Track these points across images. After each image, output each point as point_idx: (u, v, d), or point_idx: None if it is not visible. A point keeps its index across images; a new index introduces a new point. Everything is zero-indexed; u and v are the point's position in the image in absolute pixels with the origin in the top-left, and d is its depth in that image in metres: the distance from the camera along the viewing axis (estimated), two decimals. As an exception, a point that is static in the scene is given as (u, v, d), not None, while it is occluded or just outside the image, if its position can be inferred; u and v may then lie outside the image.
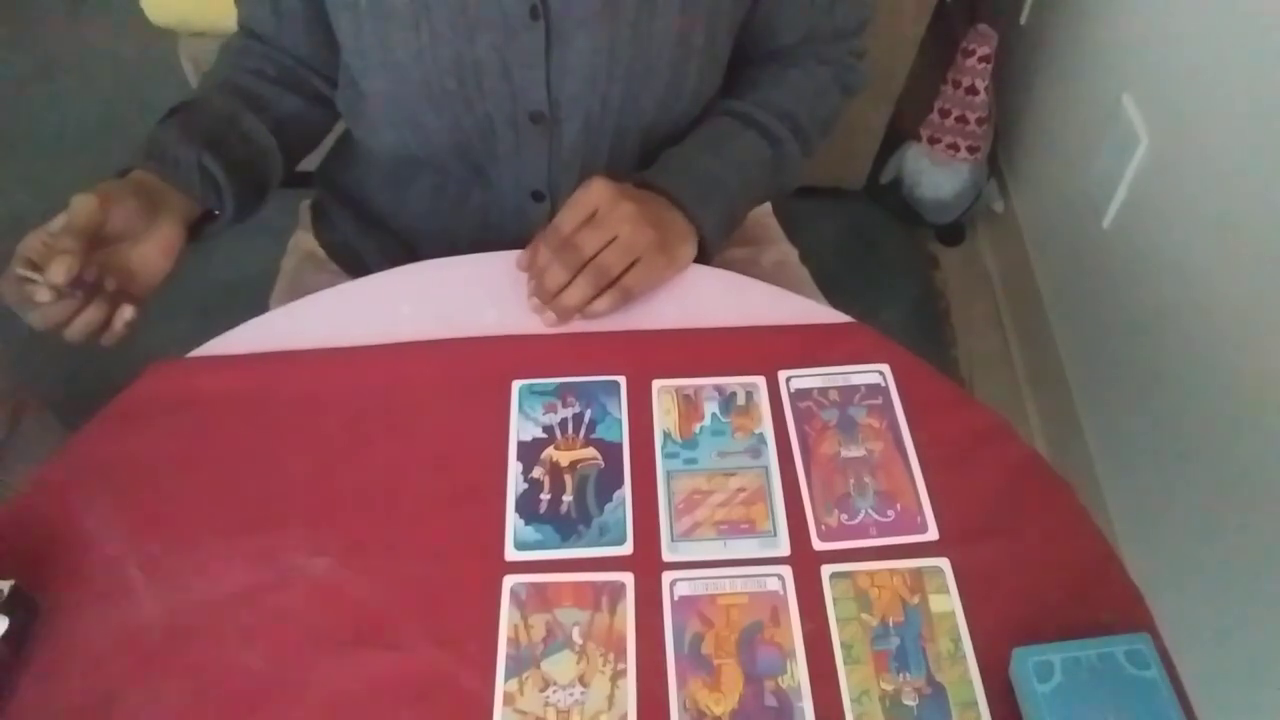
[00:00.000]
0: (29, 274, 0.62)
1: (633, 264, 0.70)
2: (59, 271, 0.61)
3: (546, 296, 0.70)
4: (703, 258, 0.76)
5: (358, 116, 0.84)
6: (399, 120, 0.78)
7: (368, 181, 0.89)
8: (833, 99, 0.85)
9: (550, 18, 0.69)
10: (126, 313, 0.67)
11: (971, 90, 1.49)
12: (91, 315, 0.66)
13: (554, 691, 0.54)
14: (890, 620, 0.56)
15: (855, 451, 0.64)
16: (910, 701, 0.53)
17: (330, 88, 0.85)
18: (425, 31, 0.70)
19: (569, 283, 0.70)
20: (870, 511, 0.61)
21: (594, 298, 0.70)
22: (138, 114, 0.79)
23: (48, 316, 0.64)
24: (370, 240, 0.90)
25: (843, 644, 0.55)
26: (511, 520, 0.61)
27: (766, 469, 0.63)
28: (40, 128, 1.91)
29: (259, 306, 0.78)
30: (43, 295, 0.62)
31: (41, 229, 0.66)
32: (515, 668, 0.55)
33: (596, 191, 0.71)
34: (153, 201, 0.70)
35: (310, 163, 0.96)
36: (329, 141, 0.94)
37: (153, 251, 0.70)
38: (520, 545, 0.60)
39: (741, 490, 0.62)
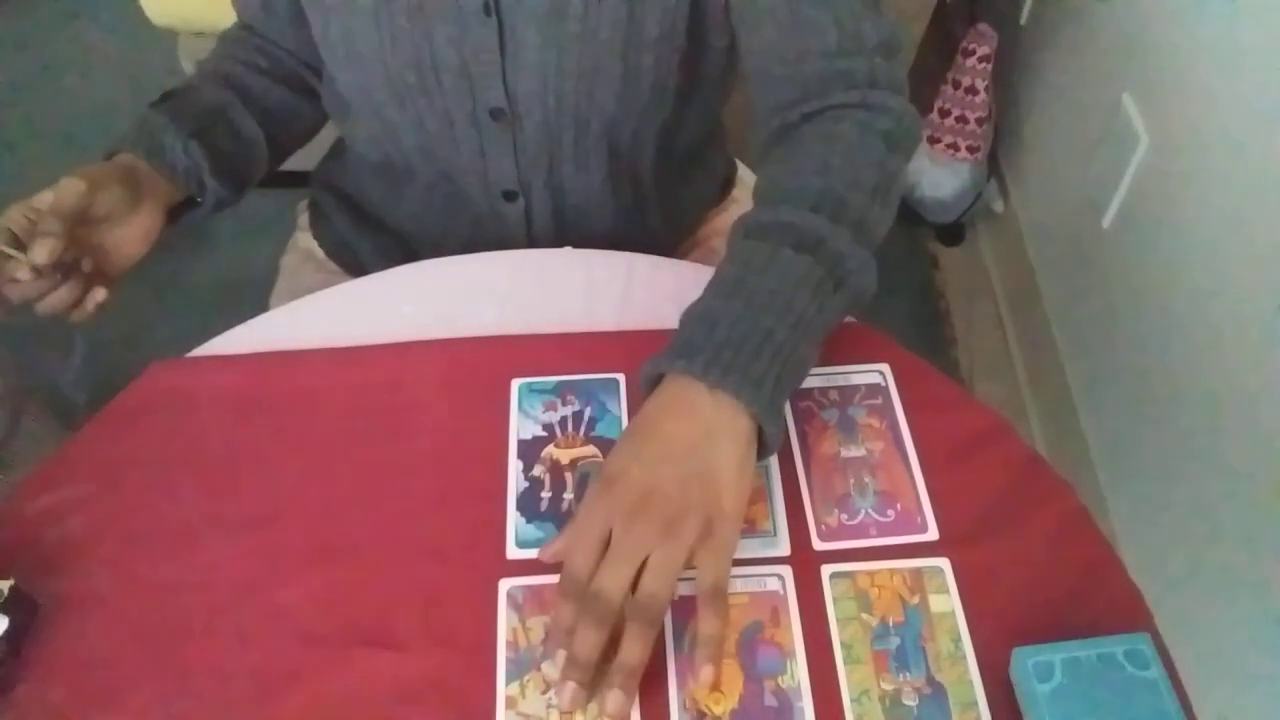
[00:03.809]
0: (10, 251, 0.65)
1: (699, 544, 0.53)
2: (41, 253, 0.64)
3: (584, 671, 0.51)
4: (763, 446, 0.58)
5: (339, 112, 0.85)
6: (368, 115, 0.79)
7: (362, 182, 0.89)
8: (874, 154, 0.65)
9: (502, 14, 0.69)
10: (99, 294, 0.70)
11: (971, 90, 1.49)
12: (65, 294, 0.69)
13: (556, 693, 0.54)
14: (890, 620, 0.56)
15: (855, 451, 0.64)
16: (910, 701, 0.53)
17: (320, 81, 0.85)
18: (385, 25, 0.70)
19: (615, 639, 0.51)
20: (870, 511, 0.60)
21: (646, 649, 0.51)
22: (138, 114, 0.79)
23: (23, 292, 0.67)
24: (367, 240, 0.90)
25: (843, 644, 0.55)
26: (513, 518, 0.61)
27: (766, 469, 0.62)
28: (40, 128, 1.91)
29: (259, 306, 0.78)
30: (22, 274, 0.65)
31: (24, 203, 0.68)
32: (516, 671, 0.55)
33: (591, 494, 0.55)
34: (136, 187, 0.72)
35: (308, 162, 0.96)
36: (326, 142, 0.94)
37: (132, 235, 0.72)
38: (522, 544, 0.59)
39: (741, 490, 0.62)
